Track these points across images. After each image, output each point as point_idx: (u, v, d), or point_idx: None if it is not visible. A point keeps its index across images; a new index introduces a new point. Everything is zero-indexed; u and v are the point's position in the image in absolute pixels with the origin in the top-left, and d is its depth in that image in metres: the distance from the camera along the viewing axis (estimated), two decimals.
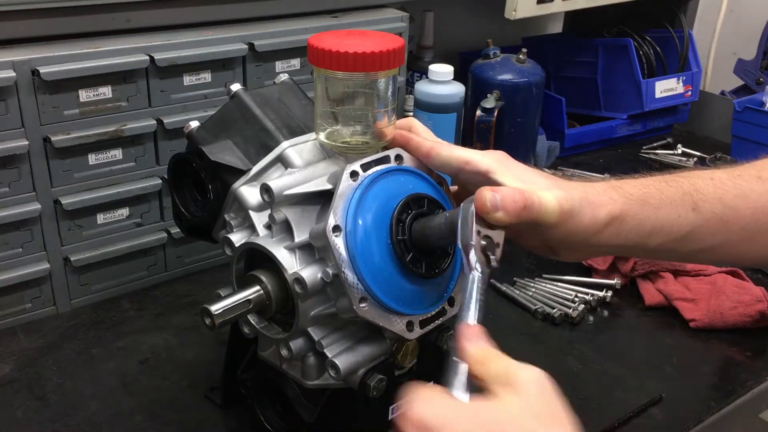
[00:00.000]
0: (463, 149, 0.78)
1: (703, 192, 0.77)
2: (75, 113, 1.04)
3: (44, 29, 1.02)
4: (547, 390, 0.56)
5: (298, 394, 0.83)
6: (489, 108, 1.40)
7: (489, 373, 0.57)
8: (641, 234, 0.75)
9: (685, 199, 0.76)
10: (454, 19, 1.78)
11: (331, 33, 0.78)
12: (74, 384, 0.98)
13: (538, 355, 1.06)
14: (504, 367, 0.57)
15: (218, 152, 0.84)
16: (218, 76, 1.15)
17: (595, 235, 0.73)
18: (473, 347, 0.60)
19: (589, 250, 0.78)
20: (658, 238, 0.75)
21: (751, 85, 1.94)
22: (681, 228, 0.76)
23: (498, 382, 0.56)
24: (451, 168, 0.77)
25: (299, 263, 0.75)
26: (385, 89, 0.78)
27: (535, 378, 0.56)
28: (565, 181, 0.76)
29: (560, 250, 0.78)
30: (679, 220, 0.75)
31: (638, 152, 1.76)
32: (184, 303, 1.16)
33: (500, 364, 0.58)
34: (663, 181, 0.78)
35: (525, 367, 0.57)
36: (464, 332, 0.61)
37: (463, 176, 0.77)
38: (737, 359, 1.08)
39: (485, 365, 0.58)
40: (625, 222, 0.74)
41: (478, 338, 0.60)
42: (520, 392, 0.55)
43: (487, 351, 0.59)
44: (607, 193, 0.75)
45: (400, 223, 0.72)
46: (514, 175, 0.74)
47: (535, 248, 0.80)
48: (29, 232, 1.05)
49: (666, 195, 0.76)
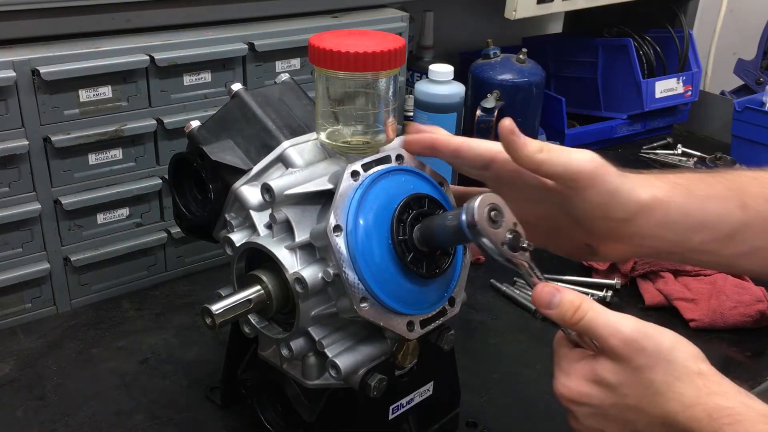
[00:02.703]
0: (492, 141, 0.75)
1: (749, 190, 0.72)
2: (75, 113, 1.04)
3: (44, 29, 1.02)
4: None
5: (299, 394, 0.83)
6: (489, 108, 1.40)
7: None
8: (686, 226, 0.71)
9: (732, 195, 0.72)
10: (454, 19, 1.78)
11: (332, 33, 0.78)
12: (74, 384, 0.98)
13: (538, 355, 1.06)
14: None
15: (219, 152, 0.84)
16: (218, 76, 1.15)
17: (635, 218, 0.70)
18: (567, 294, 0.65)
19: (629, 241, 0.72)
20: (703, 234, 0.71)
21: (751, 85, 1.94)
22: (727, 225, 0.71)
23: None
24: (484, 159, 0.75)
25: (300, 263, 0.75)
26: (385, 89, 0.78)
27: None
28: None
29: (599, 242, 0.74)
30: (726, 216, 0.71)
31: (638, 152, 1.76)
32: (184, 303, 1.16)
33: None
34: (708, 175, 0.74)
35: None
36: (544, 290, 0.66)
37: (496, 166, 0.74)
38: (737, 359, 1.08)
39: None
40: (669, 210, 0.70)
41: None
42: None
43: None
44: (649, 179, 0.72)
45: (401, 223, 0.72)
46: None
47: (573, 249, 0.77)
48: (29, 232, 1.05)
49: (713, 189, 0.72)
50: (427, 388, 0.86)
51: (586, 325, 0.64)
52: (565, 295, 0.66)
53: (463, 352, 0.97)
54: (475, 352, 1.06)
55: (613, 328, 0.63)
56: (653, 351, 0.62)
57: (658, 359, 0.62)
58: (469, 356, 1.03)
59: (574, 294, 0.66)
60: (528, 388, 1.00)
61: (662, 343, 0.62)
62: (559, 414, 0.67)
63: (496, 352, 1.08)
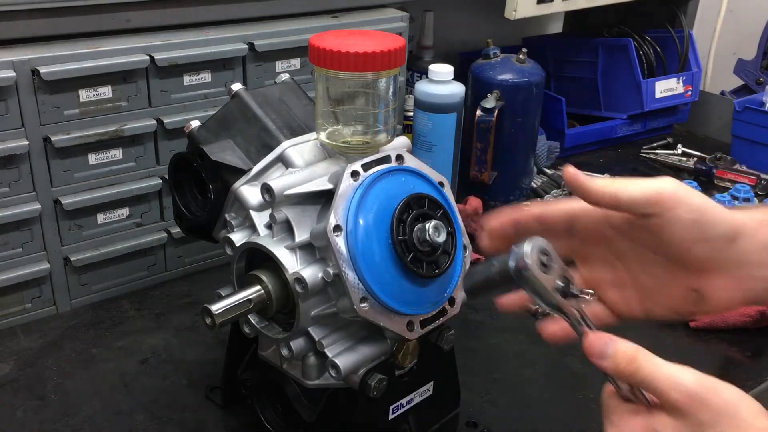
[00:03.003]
0: (569, 199, 0.70)
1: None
2: (75, 113, 1.04)
3: (44, 29, 1.02)
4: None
5: (299, 394, 0.83)
6: (489, 108, 1.39)
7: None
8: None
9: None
10: (454, 19, 1.78)
11: (332, 33, 0.78)
12: (74, 384, 0.98)
13: (538, 355, 1.06)
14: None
15: (219, 152, 0.84)
16: (218, 76, 1.15)
17: (737, 240, 0.64)
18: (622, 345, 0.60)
19: (737, 273, 0.65)
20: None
21: (751, 85, 1.94)
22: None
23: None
24: (566, 216, 0.70)
25: (300, 263, 0.75)
26: (385, 89, 0.78)
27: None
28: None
29: (704, 281, 0.66)
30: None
31: (638, 152, 1.76)
32: (184, 303, 1.16)
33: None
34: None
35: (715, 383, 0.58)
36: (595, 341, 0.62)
37: (580, 224, 0.70)
38: (737, 359, 1.08)
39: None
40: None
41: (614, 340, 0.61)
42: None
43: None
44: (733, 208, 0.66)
45: (401, 223, 0.72)
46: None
47: (679, 303, 0.69)
48: (29, 232, 1.05)
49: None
50: (427, 388, 0.86)
51: (642, 377, 0.60)
52: (619, 345, 0.62)
53: (463, 352, 0.97)
54: (475, 352, 1.06)
55: (674, 381, 0.59)
56: (718, 406, 0.58)
57: (723, 415, 0.58)
58: (469, 356, 1.03)
59: (629, 344, 0.61)
60: (528, 388, 1.00)
61: (727, 398, 0.59)
62: (559, 414, 0.67)
63: (496, 352, 1.08)
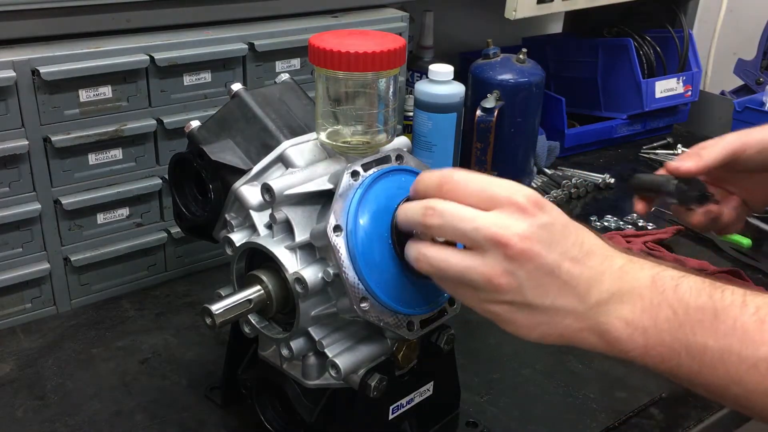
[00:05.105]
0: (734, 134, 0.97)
1: None
2: (75, 113, 1.04)
3: (44, 29, 1.02)
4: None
5: (299, 394, 0.83)
6: (489, 108, 1.40)
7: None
8: None
9: None
10: (454, 19, 1.78)
11: (332, 33, 0.78)
12: (74, 384, 0.98)
13: (538, 355, 1.06)
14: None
15: (219, 152, 0.84)
16: (218, 76, 1.15)
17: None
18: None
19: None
20: None
21: (751, 85, 1.94)
22: None
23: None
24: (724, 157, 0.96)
25: (300, 263, 0.75)
26: (386, 89, 0.78)
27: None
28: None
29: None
30: None
31: (638, 152, 1.76)
32: (184, 303, 1.16)
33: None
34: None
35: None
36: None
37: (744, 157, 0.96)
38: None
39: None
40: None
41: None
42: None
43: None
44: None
45: None
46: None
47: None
48: (29, 232, 1.05)
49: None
50: (427, 388, 0.86)
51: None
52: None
53: (463, 352, 0.97)
54: (475, 352, 1.06)
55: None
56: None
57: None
58: (469, 356, 1.03)
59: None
60: (528, 388, 1.00)
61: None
62: (559, 414, 0.67)
63: (496, 352, 1.08)
